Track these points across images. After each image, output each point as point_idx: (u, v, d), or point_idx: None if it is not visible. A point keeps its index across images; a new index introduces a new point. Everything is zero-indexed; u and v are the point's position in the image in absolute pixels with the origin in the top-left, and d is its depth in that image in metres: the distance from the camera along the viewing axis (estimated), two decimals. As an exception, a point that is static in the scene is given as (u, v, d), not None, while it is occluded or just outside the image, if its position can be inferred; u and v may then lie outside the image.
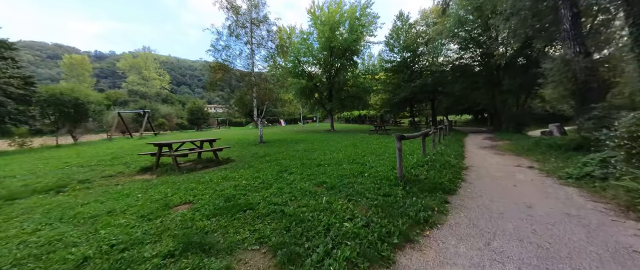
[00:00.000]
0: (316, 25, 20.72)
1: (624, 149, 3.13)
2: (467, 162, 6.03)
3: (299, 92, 22.52)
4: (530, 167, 5.12)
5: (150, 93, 64.96)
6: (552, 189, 3.51)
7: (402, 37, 22.75)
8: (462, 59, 19.37)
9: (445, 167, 4.76)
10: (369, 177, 4.12)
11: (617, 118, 4.89)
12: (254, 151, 8.79)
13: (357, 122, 43.65)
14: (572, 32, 7.15)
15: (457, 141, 10.45)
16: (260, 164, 6.05)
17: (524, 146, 7.53)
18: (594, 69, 6.75)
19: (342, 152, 7.84)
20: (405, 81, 21.86)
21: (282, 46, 12.75)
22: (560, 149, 6.20)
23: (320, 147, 9.35)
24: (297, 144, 10.92)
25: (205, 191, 3.58)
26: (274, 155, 7.51)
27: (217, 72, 10.90)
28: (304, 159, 6.53)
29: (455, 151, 7.31)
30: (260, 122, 12.30)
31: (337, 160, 6.17)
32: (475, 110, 28.76)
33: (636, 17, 4.30)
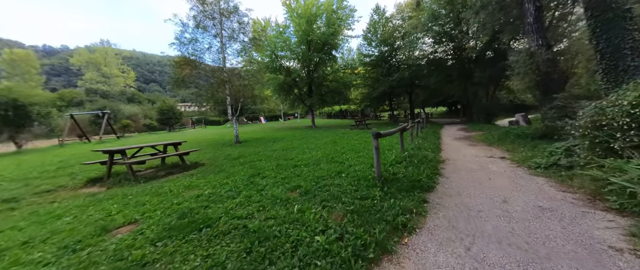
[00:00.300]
0: (292, 18, 20.04)
1: (588, 138, 3.20)
2: (444, 155, 6.09)
3: (278, 88, 21.84)
4: (502, 157, 5.26)
5: (113, 92, 59.46)
6: (524, 181, 3.55)
7: (379, 31, 22.88)
8: (437, 52, 19.97)
9: (423, 162, 4.70)
10: (346, 178, 3.89)
11: (577, 107, 5.19)
12: (228, 153, 8.21)
13: (339, 117, 43.79)
14: (535, 25, 7.49)
15: (434, 133, 10.71)
16: (233, 168, 5.58)
17: (495, 136, 7.84)
18: (554, 60, 7.14)
19: (321, 150, 7.58)
20: (384, 75, 22.13)
21: (256, 39, 12.03)
22: (527, 138, 6.51)
23: (300, 146, 9.01)
24: (276, 143, 10.48)
25: (159, 206, 3.09)
26: (249, 157, 7.04)
27: (184, 67, 9.98)
28: (280, 160, 6.16)
29: (432, 144, 7.40)
30: (236, 121, 11.60)
31: (315, 159, 5.90)
32: (450, 103, 30.15)
33: (594, 10, 4.51)
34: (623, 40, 4.30)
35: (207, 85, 10.91)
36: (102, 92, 56.53)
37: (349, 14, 20.66)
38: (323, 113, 50.04)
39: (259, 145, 10.16)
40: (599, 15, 4.47)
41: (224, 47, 11.36)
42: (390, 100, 25.54)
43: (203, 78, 10.93)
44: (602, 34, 4.52)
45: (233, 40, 11.78)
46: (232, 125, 23.99)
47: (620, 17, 4.27)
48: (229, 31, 11.36)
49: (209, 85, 10.88)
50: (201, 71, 10.70)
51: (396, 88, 21.83)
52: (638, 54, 4.20)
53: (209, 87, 10.79)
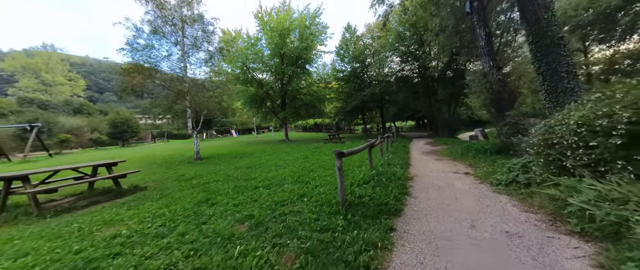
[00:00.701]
0: (265, 31, 19.88)
1: (541, 156, 3.26)
2: (413, 170, 6.03)
3: (249, 100, 21.01)
4: (466, 173, 5.32)
5: (55, 101, 52.04)
6: (488, 200, 3.47)
7: (351, 48, 23.82)
8: (404, 70, 21.31)
9: (392, 180, 4.48)
10: (309, 202, 3.44)
11: (527, 125, 5.57)
12: (182, 172, 7.23)
13: (314, 130, 43.72)
14: (486, 49, 8.22)
15: (404, 148, 10.93)
16: (180, 192, 4.76)
17: (458, 151, 8.16)
18: (504, 81, 7.83)
19: (289, 167, 7.07)
20: (356, 90, 22.77)
21: (223, 49, 11.40)
22: (486, 153, 6.82)
23: (267, 163, 8.38)
24: (241, 159, 9.67)
25: (47, 257, 2.27)
26: (206, 177, 6.21)
27: (134, 76, 8.86)
28: (240, 180, 5.50)
29: (401, 159, 7.39)
30: (197, 136, 10.54)
31: (280, 179, 5.36)
32: (417, 117, 32.14)
33: (534, 36, 4.99)
34: (559, 65, 4.78)
35: (162, 96, 9.83)
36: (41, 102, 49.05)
37: (321, 30, 21.21)
38: (298, 126, 49.63)
39: (221, 162, 9.25)
40: (539, 41, 4.96)
41: (185, 55, 10.51)
42: (363, 114, 26.23)
43: (159, 88, 9.85)
44: (542, 58, 4.99)
45: (196, 49, 11.01)
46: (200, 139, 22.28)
47: (555, 43, 4.78)
48: (191, 39, 10.60)
49: (165, 95, 9.81)
50: (157, 80, 9.64)
51: (368, 103, 22.54)
52: (573, 77, 4.68)
53: (165, 97, 9.73)
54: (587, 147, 2.71)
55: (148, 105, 9.74)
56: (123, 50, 9.32)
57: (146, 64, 9.49)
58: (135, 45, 9.41)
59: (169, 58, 10.52)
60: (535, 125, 5.11)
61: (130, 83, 8.83)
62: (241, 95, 20.56)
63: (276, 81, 21.44)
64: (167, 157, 12.42)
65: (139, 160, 11.37)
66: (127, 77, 8.71)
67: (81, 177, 5.10)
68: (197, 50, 10.98)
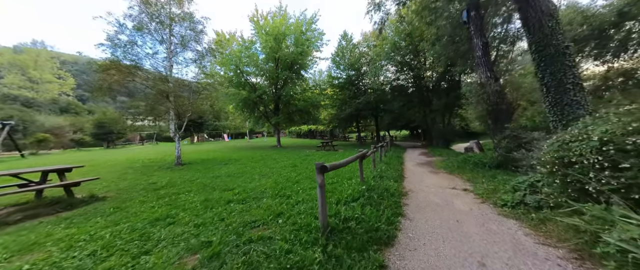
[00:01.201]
0: (260, 34, 19.55)
1: (557, 176, 2.81)
2: (407, 184, 5.53)
3: (241, 104, 20.39)
4: (465, 189, 4.86)
5: (41, 99, 50.18)
6: (495, 225, 2.98)
7: (347, 56, 23.73)
8: (399, 80, 21.22)
9: (384, 196, 3.96)
10: (285, 225, 2.87)
11: (530, 138, 5.20)
12: (155, 180, 6.53)
13: (308, 137, 43.20)
14: (483, 59, 7.98)
15: (398, 158, 10.49)
16: (140, 205, 4.11)
17: (454, 164, 7.74)
18: (501, 92, 7.56)
19: (274, 176, 6.48)
20: (351, 98, 22.53)
21: (213, 50, 10.90)
22: (484, 167, 6.41)
23: (252, 170, 7.76)
24: (226, 166, 9.01)
25: None
26: (178, 187, 5.56)
27: (112, 73, 8.21)
28: (215, 192, 4.88)
29: (395, 171, 6.91)
30: (179, 139, 9.85)
31: (260, 191, 4.77)
32: (412, 127, 32.08)
33: (537, 44, 4.70)
34: (565, 76, 4.46)
35: (142, 96, 9.18)
36: (25, 99, 47.15)
37: (317, 37, 21.07)
38: (292, 132, 48.98)
39: (203, 168, 8.57)
40: (542, 50, 4.66)
41: (171, 54, 9.95)
42: (357, 122, 25.93)
43: (140, 87, 9.20)
44: (546, 69, 4.68)
45: (184, 48, 10.47)
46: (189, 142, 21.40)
47: (560, 53, 4.48)
48: (179, 38, 10.08)
49: (144, 95, 9.16)
50: (138, 79, 9.00)
51: (362, 111, 22.27)
52: (579, 89, 4.36)
53: (145, 97, 9.07)
54: (616, 169, 2.27)
55: (127, 105, 9.04)
56: (102, 46, 8.70)
57: (127, 61, 8.88)
58: (117, 41, 8.80)
59: (154, 56, 9.97)
60: (539, 139, 4.74)
61: (107, 81, 8.17)
62: (232, 99, 19.95)
63: (270, 86, 21.00)
64: (148, 161, 11.61)
65: (115, 165, 10.55)
66: (103, 75, 8.05)
67: (26, 184, 4.38)
68: (184, 49, 10.44)
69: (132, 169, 8.91)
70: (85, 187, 5.41)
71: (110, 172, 8.39)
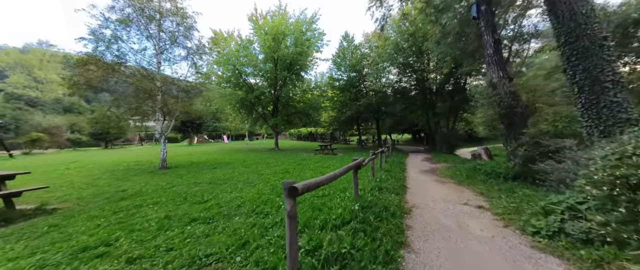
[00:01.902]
0: (259, 34, 18.99)
1: (622, 203, 2.05)
2: (410, 197, 4.77)
3: (238, 105, 19.73)
4: (480, 206, 4.08)
5: (46, 99, 50.26)
6: (532, 266, 2.22)
7: (348, 57, 23.09)
8: (401, 82, 20.47)
9: (383, 218, 3.21)
10: (244, 264, 2.13)
11: (558, 147, 4.42)
12: (127, 187, 5.84)
13: (308, 139, 42.49)
14: (495, 57, 7.23)
15: (399, 164, 9.71)
16: (85, 222, 3.40)
17: (463, 173, 6.96)
18: (516, 93, 6.79)
19: (259, 185, 5.77)
20: (352, 100, 21.81)
21: (203, 47, 10.28)
22: (499, 178, 5.63)
23: (238, 176, 7.05)
24: (213, 171, 8.31)
25: None
26: (146, 196, 4.86)
27: (92, 69, 7.60)
28: (183, 204, 4.16)
29: (396, 180, 6.14)
30: (165, 141, 9.19)
31: (236, 204, 4.05)
32: (414, 130, 31.23)
33: (568, 36, 3.96)
34: (602, 72, 3.71)
35: (129, 94, 8.55)
36: (29, 99, 47.22)
37: (318, 37, 20.48)
38: (293, 134, 48.31)
39: (187, 173, 7.87)
40: (574, 42, 3.91)
41: (159, 51, 9.34)
42: (358, 125, 25.14)
43: (122, 85, 8.59)
44: (578, 64, 3.93)
45: (175, 44, 9.87)
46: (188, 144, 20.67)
47: (597, 45, 3.74)
48: (168, 33, 9.48)
49: (131, 93, 8.53)
50: (119, 76, 8.37)
51: (363, 113, 21.54)
52: (620, 89, 3.61)
53: (125, 95, 8.44)
54: None
55: (108, 104, 8.42)
56: (83, 40, 8.11)
57: (111, 56, 8.27)
58: (100, 35, 8.20)
59: (142, 53, 9.37)
60: (571, 148, 3.97)
61: (84, 77, 7.55)
62: (229, 99, 19.36)
63: (269, 86, 20.38)
64: (134, 164, 10.97)
65: (96, 168, 9.91)
66: (81, 70, 7.43)
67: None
68: (174, 46, 9.84)
69: (111, 173, 8.25)
70: (39, 196, 4.73)
71: (85, 176, 7.73)
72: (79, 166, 10.43)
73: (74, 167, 10.03)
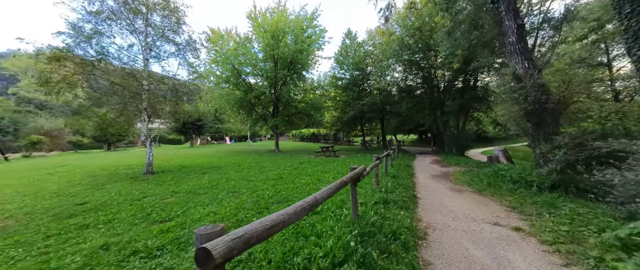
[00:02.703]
0: (258, 32, 18.30)
1: None
2: (423, 213, 3.86)
3: (237, 105, 19.05)
4: (517, 228, 3.15)
5: (54, 102, 50.75)
6: None
7: (351, 55, 22.19)
8: (407, 80, 19.44)
9: (391, 251, 2.33)
10: None
11: (613, 147, 3.45)
12: (94, 198, 5.10)
13: (311, 140, 41.65)
14: (518, 45, 6.25)
15: (407, 168, 8.75)
16: (19, 247, 2.62)
17: (482, 179, 5.98)
18: (545, 86, 5.80)
19: (245, 195, 4.96)
20: (355, 99, 20.88)
21: (194, 42, 9.57)
22: (530, 188, 4.66)
23: (224, 184, 6.27)
24: (199, 177, 7.54)
25: None
26: (105, 211, 4.09)
27: (66, 66, 6.94)
28: (140, 224, 3.37)
29: (404, 189, 5.22)
30: (151, 144, 8.49)
31: (206, 224, 3.23)
32: (420, 131, 30.04)
33: (635, 3, 3.01)
34: (687, 50, 2.75)
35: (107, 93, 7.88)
36: (39, 103, 47.85)
37: (319, 34, 19.68)
38: (296, 136, 47.54)
39: (171, 179, 7.12)
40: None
41: (146, 46, 8.66)
42: (362, 125, 24.13)
43: (102, 83, 7.92)
44: (648, 41, 2.97)
45: (165, 40, 9.19)
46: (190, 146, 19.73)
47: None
48: (155, 28, 8.80)
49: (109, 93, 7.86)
50: (103, 74, 7.71)
51: (367, 113, 20.56)
52: None
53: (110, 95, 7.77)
54: None
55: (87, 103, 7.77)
56: (61, 34, 7.47)
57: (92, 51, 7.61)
58: (79, 29, 7.56)
59: (128, 49, 8.72)
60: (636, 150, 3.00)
61: (58, 74, 6.89)
62: (226, 99, 18.73)
63: (269, 86, 19.64)
64: (123, 168, 10.34)
65: (79, 172, 9.30)
66: (51, 67, 6.76)
67: None
68: (163, 41, 9.16)
69: (91, 179, 7.58)
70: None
71: (62, 183, 7.08)
72: (65, 171, 9.85)
73: (59, 172, 9.45)
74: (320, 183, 6.06)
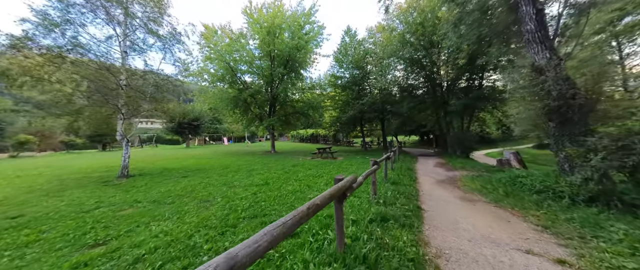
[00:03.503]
0: (254, 29, 17.55)
1: None
2: (431, 233, 3.06)
3: (232, 104, 18.26)
4: (562, 261, 2.33)
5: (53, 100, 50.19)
6: None
7: (351, 53, 21.42)
8: (408, 79, 18.64)
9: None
10: None
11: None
12: (37, 209, 4.33)
13: (310, 141, 40.87)
14: (538, 33, 5.46)
15: (408, 172, 7.94)
16: None
17: (497, 187, 5.17)
18: (571, 80, 5.00)
19: (216, 206, 4.17)
20: (354, 99, 20.11)
21: (177, 34, 8.80)
22: (561, 199, 3.84)
23: (201, 190, 5.50)
24: (177, 182, 6.76)
25: None
26: (33, 229, 3.30)
27: (29, 58, 6.19)
28: (74, 244, 2.59)
29: (407, 199, 4.41)
30: (127, 145, 7.73)
31: (147, 250, 2.44)
32: (422, 132, 29.17)
33: None
34: None
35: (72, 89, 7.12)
36: (37, 102, 47.18)
37: (317, 31, 18.94)
38: (295, 136, 46.74)
39: (144, 184, 6.33)
40: None
41: (124, 38, 7.91)
42: (361, 126, 23.30)
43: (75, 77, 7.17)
44: None
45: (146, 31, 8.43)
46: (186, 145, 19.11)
47: None
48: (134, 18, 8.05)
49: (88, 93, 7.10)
50: (72, 67, 6.96)
51: (367, 113, 19.76)
52: None
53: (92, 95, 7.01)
54: None
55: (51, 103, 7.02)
56: (26, 22, 6.72)
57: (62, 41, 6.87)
58: (45, 17, 6.81)
59: (107, 41, 7.97)
60: None
61: (19, 66, 6.14)
62: (219, 97, 18.01)
63: (265, 84, 18.87)
64: (104, 170, 9.61)
65: (54, 174, 8.56)
66: (11, 58, 6.00)
67: None
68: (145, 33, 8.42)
69: (58, 183, 6.82)
70: None
71: (21, 188, 6.31)
72: (37, 173, 9.11)
73: (28, 175, 8.71)
74: (310, 190, 5.26)
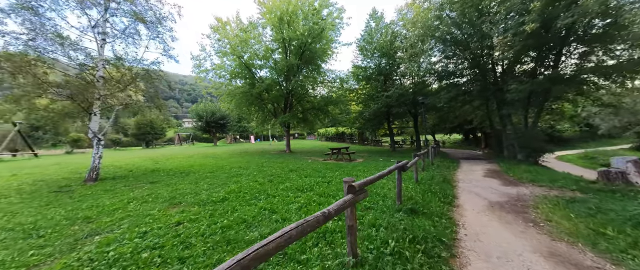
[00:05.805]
0: (268, 19, 16.30)
1: None
2: None
3: (244, 100, 17.38)
4: None
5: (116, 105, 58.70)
6: None
7: (377, 39, 18.62)
8: (447, 66, 15.06)
9: None
10: None
11: None
12: None
13: (337, 140, 38.70)
14: None
15: (444, 185, 5.36)
16: None
17: (629, 233, 2.48)
18: None
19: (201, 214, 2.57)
20: (379, 91, 17.33)
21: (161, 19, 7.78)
22: None
23: (193, 191, 4.10)
24: (150, 187, 5.57)
25: None
26: None
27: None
28: None
29: (428, 258, 2.18)
30: (98, 144, 6.96)
31: None
32: (467, 129, 24.48)
33: None
34: None
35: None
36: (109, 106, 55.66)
37: (336, 15, 16.83)
38: (321, 135, 45.20)
39: (104, 193, 5.27)
40: None
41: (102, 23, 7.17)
42: (389, 122, 20.27)
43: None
44: None
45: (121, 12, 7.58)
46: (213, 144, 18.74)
47: None
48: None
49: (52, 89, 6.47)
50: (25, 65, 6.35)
51: (394, 107, 16.85)
52: None
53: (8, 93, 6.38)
54: None
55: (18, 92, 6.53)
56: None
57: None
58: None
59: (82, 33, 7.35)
60: None
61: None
62: (230, 94, 17.28)
63: (280, 77, 17.55)
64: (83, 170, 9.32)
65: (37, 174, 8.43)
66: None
67: None
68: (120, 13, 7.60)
69: (30, 186, 6.32)
70: None
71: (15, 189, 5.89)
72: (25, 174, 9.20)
73: (24, 174, 8.78)
74: (312, 206, 3.38)
